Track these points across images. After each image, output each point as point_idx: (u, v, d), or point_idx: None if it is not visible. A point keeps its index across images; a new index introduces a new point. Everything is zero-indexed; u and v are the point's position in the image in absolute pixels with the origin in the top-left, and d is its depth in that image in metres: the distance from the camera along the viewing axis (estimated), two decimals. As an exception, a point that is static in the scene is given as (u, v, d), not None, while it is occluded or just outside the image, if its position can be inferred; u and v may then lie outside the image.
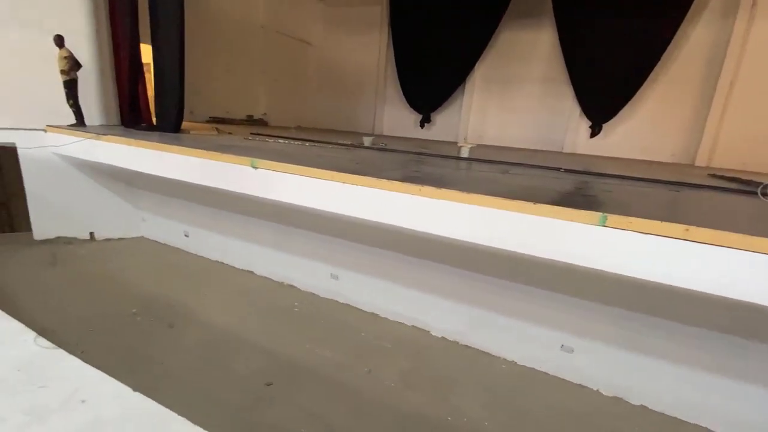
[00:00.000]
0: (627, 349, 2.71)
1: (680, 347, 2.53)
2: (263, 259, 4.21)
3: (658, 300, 2.34)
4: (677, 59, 9.19)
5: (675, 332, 2.49)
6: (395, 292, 3.46)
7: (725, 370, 2.41)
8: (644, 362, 2.66)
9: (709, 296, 1.74)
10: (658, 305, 2.45)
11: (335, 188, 2.55)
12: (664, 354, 2.59)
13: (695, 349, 2.47)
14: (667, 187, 3.42)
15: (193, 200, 4.52)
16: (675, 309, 2.40)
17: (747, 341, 2.28)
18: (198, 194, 4.15)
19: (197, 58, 8.55)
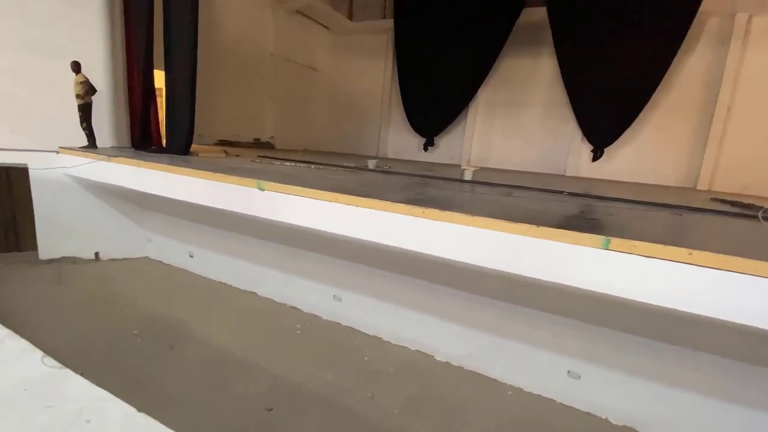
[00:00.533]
0: (636, 375, 2.66)
1: (691, 374, 2.47)
2: (267, 281, 4.21)
3: (666, 325, 2.31)
4: (676, 86, 9.39)
5: (685, 358, 2.45)
6: (399, 315, 3.43)
7: (738, 398, 2.35)
8: (655, 389, 2.60)
9: (715, 321, 1.73)
10: (665, 330, 2.42)
11: (340, 210, 2.59)
12: (675, 381, 2.54)
13: (706, 376, 2.42)
14: (670, 210, 3.43)
15: (199, 221, 4.58)
16: (683, 334, 2.37)
17: (759, 368, 2.23)
18: (203, 215, 4.21)
19: (208, 83, 8.85)
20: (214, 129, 9.71)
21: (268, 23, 11.16)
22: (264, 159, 5.64)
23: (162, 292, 4.31)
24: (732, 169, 9.07)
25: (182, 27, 4.91)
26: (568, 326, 2.77)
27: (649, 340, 2.52)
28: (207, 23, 8.79)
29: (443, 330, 3.26)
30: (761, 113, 8.79)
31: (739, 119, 8.97)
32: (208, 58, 8.56)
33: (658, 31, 8.81)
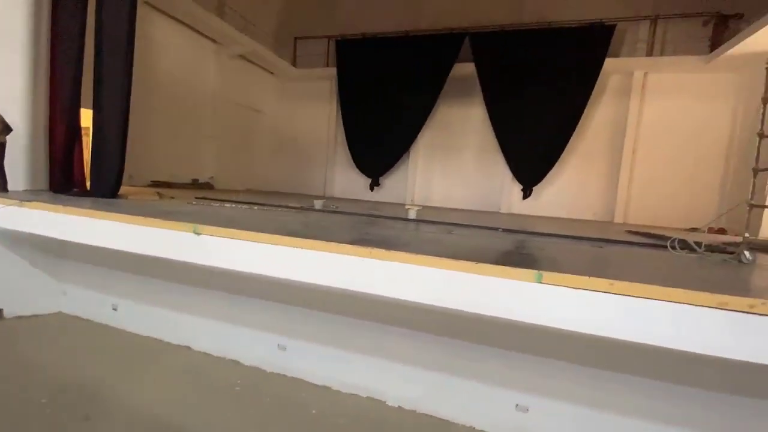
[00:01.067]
0: (578, 403, 2.76)
1: (630, 398, 2.61)
2: (202, 333, 3.87)
3: (600, 352, 2.46)
4: (589, 132, 10.74)
5: (622, 383, 2.59)
6: (348, 360, 3.30)
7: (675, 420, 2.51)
8: (596, 416, 2.70)
9: (639, 345, 1.88)
10: (601, 357, 2.57)
11: (283, 253, 2.51)
12: (614, 406, 2.66)
13: (646, 399, 2.57)
14: (592, 243, 3.77)
15: (125, 269, 4.16)
16: (616, 360, 2.53)
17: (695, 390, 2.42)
18: (130, 263, 3.84)
19: (142, 121, 8.43)
20: (148, 169, 9.16)
21: (210, 66, 11.10)
22: (202, 200, 5.38)
23: (77, 353, 3.77)
24: (642, 204, 10.35)
25: (115, 63, 4.71)
26: (514, 359, 2.84)
27: (589, 368, 2.66)
28: (143, 61, 8.53)
29: (394, 373, 3.18)
30: (660, 154, 10.28)
31: (643, 160, 10.40)
32: (142, 97, 8.23)
33: (570, 86, 10.17)
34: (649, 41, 10.14)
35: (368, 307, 2.90)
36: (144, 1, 8.50)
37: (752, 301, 1.73)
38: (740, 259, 3.18)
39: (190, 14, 9.47)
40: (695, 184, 9.96)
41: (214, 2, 10.55)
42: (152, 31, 9.09)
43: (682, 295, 1.78)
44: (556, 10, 10.63)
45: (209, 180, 10.89)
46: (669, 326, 1.81)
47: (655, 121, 10.26)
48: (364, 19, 12.52)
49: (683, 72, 9.96)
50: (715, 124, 9.82)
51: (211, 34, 10.44)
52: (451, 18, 11.45)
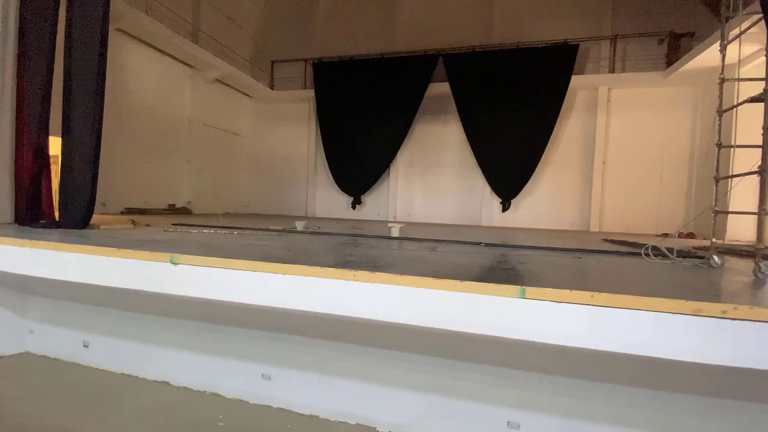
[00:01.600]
0: (568, 416, 2.76)
1: (616, 408, 2.64)
2: (182, 366, 3.70)
3: (587, 363, 2.49)
4: (561, 146, 11.16)
5: (611, 394, 2.61)
6: (336, 387, 3.21)
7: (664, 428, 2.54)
8: (590, 429, 2.70)
9: (622, 355, 1.92)
10: (592, 369, 2.59)
11: (265, 280, 2.46)
12: (604, 417, 2.67)
13: (631, 409, 2.60)
14: (571, 254, 3.86)
15: (96, 303, 3.97)
16: (602, 371, 2.56)
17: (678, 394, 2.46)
18: (102, 296, 3.68)
19: (115, 146, 8.24)
20: (122, 196, 8.92)
21: (186, 90, 11.03)
22: (179, 227, 5.25)
23: (45, 395, 3.53)
24: (615, 212, 10.74)
25: (86, 86, 4.60)
26: (503, 376, 2.83)
27: (577, 379, 2.67)
28: (116, 87, 8.41)
29: (383, 397, 3.12)
30: (629, 165, 10.77)
31: (613, 170, 10.86)
32: (116, 122, 8.08)
33: (541, 102, 10.62)
34: (611, 59, 10.74)
35: (354, 330, 2.85)
36: (117, 29, 8.43)
37: (725, 307, 1.79)
38: (710, 263, 3.32)
39: (164, 40, 9.44)
40: (663, 192, 10.43)
41: (188, 28, 10.57)
42: (125, 57, 9.00)
43: (659, 303, 1.83)
44: (523, 31, 11.17)
45: (187, 205, 10.66)
46: (649, 335, 1.86)
47: (622, 133, 10.78)
48: (340, 42, 12.79)
49: (644, 87, 10.56)
50: (677, 135, 10.39)
51: (186, 59, 10.42)
52: (424, 40, 11.83)
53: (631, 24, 10.61)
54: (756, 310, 1.80)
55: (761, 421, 2.23)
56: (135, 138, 9.22)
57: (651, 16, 10.45)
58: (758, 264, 2.88)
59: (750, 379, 2.06)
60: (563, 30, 10.72)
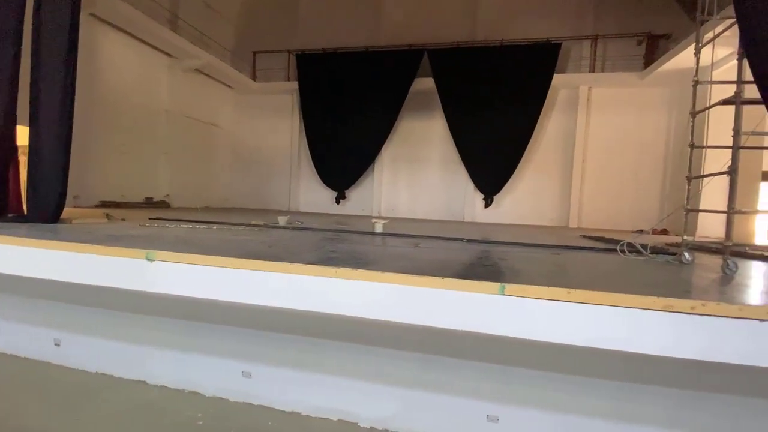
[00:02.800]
0: (549, 410, 2.82)
1: (594, 400, 2.71)
2: (159, 364, 3.62)
3: (569, 358, 2.55)
4: (542, 143, 11.35)
5: (588, 387, 2.68)
6: (317, 383, 3.20)
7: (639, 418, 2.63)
8: (565, 420, 2.77)
9: (598, 350, 1.97)
10: (569, 363, 2.65)
11: (245, 277, 2.42)
12: (582, 410, 2.74)
13: (608, 401, 2.67)
14: (550, 250, 3.94)
15: (69, 301, 3.83)
16: (580, 364, 2.63)
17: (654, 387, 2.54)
18: (75, 293, 3.55)
19: (88, 138, 7.94)
20: (96, 189, 8.61)
21: (163, 80, 10.69)
22: (156, 221, 5.10)
23: (13, 397, 3.39)
24: (593, 209, 11.03)
25: (55, 76, 4.40)
26: (483, 370, 2.88)
27: (555, 373, 2.73)
28: (90, 75, 8.08)
29: (364, 393, 3.12)
30: (607, 162, 11.06)
31: (592, 168, 11.13)
32: (89, 112, 7.77)
33: (523, 99, 10.76)
34: (592, 58, 10.95)
35: (336, 327, 2.84)
36: (90, 14, 8.07)
37: (693, 303, 1.86)
38: (681, 260, 3.44)
39: (140, 27, 9.09)
40: (639, 189, 10.76)
41: (166, 15, 10.22)
42: (99, 44, 8.63)
43: (632, 300, 1.89)
44: (506, 29, 11.26)
45: (164, 198, 10.37)
46: (622, 330, 1.91)
47: (601, 131, 11.04)
48: (324, 34, 12.60)
49: (622, 87, 10.82)
50: (653, 134, 10.71)
51: (164, 47, 10.08)
52: (410, 34, 11.78)
53: (611, 24, 10.83)
54: (723, 306, 1.87)
55: (729, 412, 2.34)
56: (110, 128, 8.89)
57: (630, 17, 10.69)
58: (726, 261, 3.01)
59: (720, 372, 2.15)
60: (546, 29, 10.86)
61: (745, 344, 1.83)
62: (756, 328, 1.83)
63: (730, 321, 1.84)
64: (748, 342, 1.83)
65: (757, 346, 1.81)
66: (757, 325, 1.83)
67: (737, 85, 3.08)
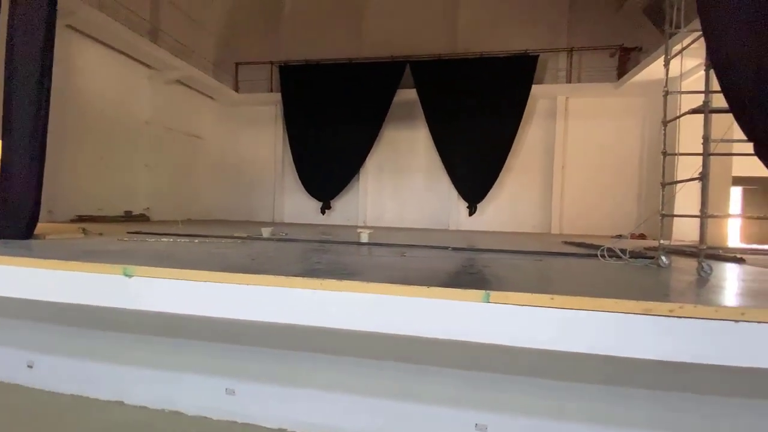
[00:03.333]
0: (537, 416, 2.83)
1: (578, 404, 2.72)
2: (138, 384, 3.48)
3: (555, 365, 2.56)
4: (522, 151, 11.59)
5: (574, 392, 2.69)
6: (303, 398, 3.13)
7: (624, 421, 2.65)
8: (559, 428, 2.77)
9: (580, 354, 1.99)
10: (555, 369, 2.66)
11: (227, 291, 2.37)
12: (569, 416, 2.75)
13: (589, 403, 2.69)
14: (533, 257, 4.00)
15: (42, 320, 3.67)
16: (567, 370, 2.64)
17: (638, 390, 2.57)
18: (48, 312, 3.40)
19: (64, 150, 7.74)
20: (72, 203, 8.36)
21: (144, 92, 10.53)
22: (135, 235, 4.97)
23: (-21, 424, 3.21)
24: (574, 215, 11.27)
25: (29, 87, 4.28)
26: (471, 379, 2.87)
27: (542, 379, 2.74)
28: (67, 87, 7.90)
29: (352, 406, 3.07)
30: (586, 170, 11.35)
31: (572, 175, 11.40)
32: (66, 124, 7.59)
33: (503, 109, 11.02)
34: (568, 70, 11.32)
35: (322, 339, 2.80)
36: (67, 25, 7.92)
37: (672, 306, 1.91)
38: (659, 263, 3.54)
39: (119, 38, 8.97)
40: (617, 195, 11.07)
41: (146, 26, 10.11)
42: (76, 55, 8.47)
43: (613, 304, 1.93)
44: (486, 41, 11.56)
45: (145, 212, 10.13)
46: (605, 334, 1.95)
47: (579, 140, 11.36)
48: (307, 46, 12.66)
49: (598, 97, 11.20)
50: (628, 143, 11.08)
51: (144, 58, 9.95)
52: (392, 47, 11.96)
53: (585, 37, 11.25)
54: (700, 308, 1.93)
55: (710, 412, 2.38)
56: (87, 141, 8.67)
57: (603, 30, 11.13)
58: (701, 264, 3.11)
59: (699, 372, 2.20)
60: (523, 41, 11.19)
61: (721, 344, 1.88)
62: (731, 329, 1.89)
63: (707, 322, 1.90)
64: (724, 342, 1.88)
65: (733, 346, 1.87)
66: (733, 326, 1.89)
67: (705, 95, 3.22)
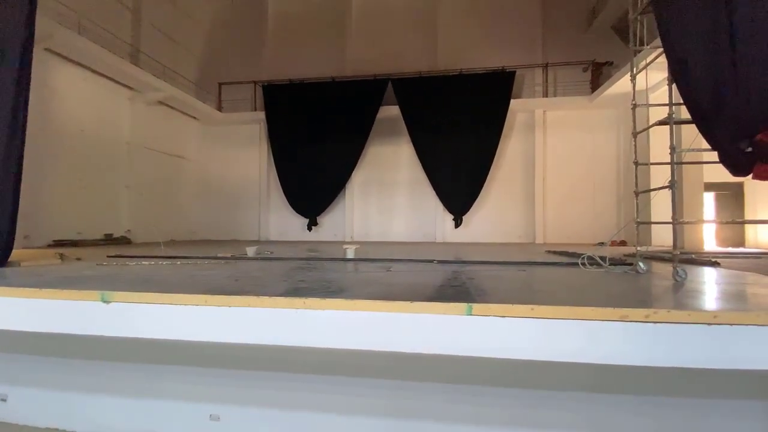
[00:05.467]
0: (525, 427, 2.83)
1: (563, 413, 2.74)
2: (116, 414, 3.36)
3: (540, 374, 2.59)
4: (504, 164, 11.85)
5: (557, 401, 2.72)
6: (291, 420, 3.07)
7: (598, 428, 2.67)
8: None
9: (565, 363, 2.02)
10: (542, 379, 2.68)
11: (209, 314, 2.33)
12: (549, 424, 2.77)
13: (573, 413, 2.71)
14: (516, 267, 4.06)
15: (15, 351, 3.53)
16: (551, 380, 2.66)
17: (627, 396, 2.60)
18: (22, 342, 3.29)
19: (41, 173, 7.59)
20: (49, 227, 8.15)
21: (125, 112, 10.46)
22: (115, 259, 4.86)
23: (-56, 467, 3.04)
24: (557, 224, 11.49)
25: (2, 113, 4.21)
26: (455, 392, 2.86)
27: (527, 390, 2.76)
28: (44, 109, 7.81)
29: (339, 425, 3.02)
30: (566, 180, 11.63)
31: (553, 186, 11.67)
32: (43, 148, 7.47)
33: (484, 124, 11.30)
34: (544, 84, 11.73)
35: (308, 359, 2.77)
36: (45, 49, 7.86)
37: (647, 312, 1.97)
38: (637, 270, 3.64)
39: (98, 61, 8.94)
40: (597, 204, 11.36)
41: (127, 48, 10.11)
42: (55, 78, 8.39)
43: (591, 312, 1.98)
44: (465, 59, 11.94)
45: (126, 234, 9.92)
46: (584, 343, 1.98)
47: (558, 151, 11.71)
48: (290, 66, 12.83)
49: (574, 109, 11.60)
50: (605, 153, 11.46)
51: (125, 80, 9.91)
52: (374, 65, 12.21)
53: (559, 54, 11.72)
54: (673, 312, 1.99)
55: (686, 414, 2.43)
56: (66, 163, 8.51)
57: (575, 47, 11.63)
58: (676, 269, 3.21)
59: (676, 376, 2.25)
60: (501, 58, 11.59)
61: (694, 348, 1.94)
62: (704, 332, 1.95)
63: (681, 327, 1.96)
64: (696, 345, 1.94)
65: (704, 349, 1.93)
66: (705, 329, 1.95)
67: (669, 107, 3.39)
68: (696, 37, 2.92)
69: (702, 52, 2.84)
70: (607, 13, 10.87)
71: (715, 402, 2.23)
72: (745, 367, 1.95)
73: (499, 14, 12.09)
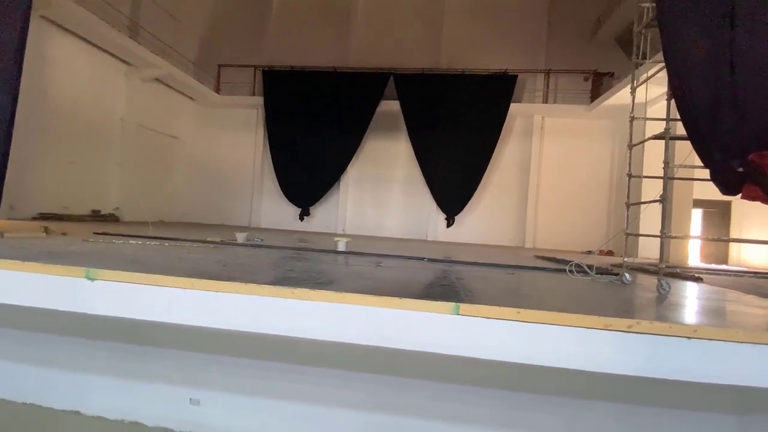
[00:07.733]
0: (504, 428, 2.86)
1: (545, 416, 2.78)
2: (96, 393, 3.33)
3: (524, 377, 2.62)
4: (500, 167, 11.91)
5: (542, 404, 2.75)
6: (273, 409, 3.07)
7: None
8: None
9: (551, 368, 2.05)
10: (525, 381, 2.71)
11: (194, 298, 2.31)
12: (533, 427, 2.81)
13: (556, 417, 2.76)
14: (504, 270, 4.10)
15: (-6, 323, 3.46)
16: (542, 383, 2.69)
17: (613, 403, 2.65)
18: (2, 315, 3.22)
19: (29, 144, 7.42)
20: (35, 199, 7.99)
21: (120, 88, 10.24)
22: (102, 236, 4.79)
23: None
24: (547, 230, 11.61)
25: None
26: (444, 390, 2.89)
27: (508, 391, 2.79)
28: (37, 79, 7.61)
29: (323, 418, 3.03)
30: (559, 187, 11.73)
31: (546, 192, 11.76)
32: (31, 118, 7.28)
33: (483, 125, 11.31)
34: (545, 91, 11.77)
35: (292, 349, 2.76)
36: (41, 16, 7.64)
37: (630, 322, 2.00)
38: (623, 280, 3.69)
39: (95, 32, 8.71)
40: (588, 212, 11.49)
41: (125, 21, 9.88)
42: (50, 48, 8.17)
43: (576, 319, 2.00)
44: (468, 59, 11.92)
45: (114, 211, 9.76)
46: (568, 348, 2.01)
47: (553, 158, 11.79)
48: (291, 52, 12.67)
49: (572, 117, 11.68)
50: (598, 163, 11.58)
51: (122, 54, 9.69)
52: (377, 58, 12.12)
53: (562, 61, 11.76)
54: (655, 324, 2.02)
55: (664, 424, 2.49)
56: (57, 135, 8.32)
57: (579, 55, 11.67)
58: (660, 282, 3.26)
59: (656, 386, 2.30)
60: (504, 61, 11.58)
61: (673, 360, 1.98)
62: (684, 345, 1.99)
63: (662, 338, 1.99)
64: (676, 358, 1.98)
65: (683, 362, 1.97)
66: (685, 343, 1.99)
67: (666, 123, 3.42)
68: (697, 56, 2.95)
69: (702, 71, 2.87)
70: (612, 24, 10.92)
71: (690, 414, 2.28)
72: (720, 381, 1.99)
73: (506, 17, 12.08)
